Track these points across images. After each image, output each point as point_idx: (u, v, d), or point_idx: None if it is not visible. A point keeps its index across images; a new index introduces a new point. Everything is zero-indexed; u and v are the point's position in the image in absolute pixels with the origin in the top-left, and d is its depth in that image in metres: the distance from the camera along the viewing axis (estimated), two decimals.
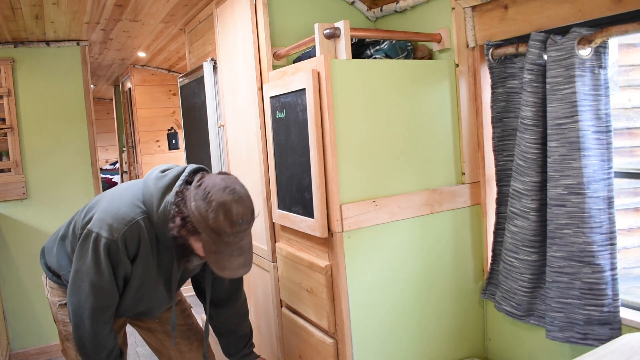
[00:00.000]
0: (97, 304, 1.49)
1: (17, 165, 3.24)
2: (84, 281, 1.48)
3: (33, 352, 3.35)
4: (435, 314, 1.87)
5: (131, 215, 1.49)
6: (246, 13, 2.02)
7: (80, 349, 1.54)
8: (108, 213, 1.49)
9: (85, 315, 1.49)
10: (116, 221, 1.47)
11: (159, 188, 1.51)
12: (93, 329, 1.50)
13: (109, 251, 1.46)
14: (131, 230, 1.47)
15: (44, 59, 3.27)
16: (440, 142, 1.86)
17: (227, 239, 1.40)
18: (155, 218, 1.49)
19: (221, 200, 1.38)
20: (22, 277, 3.31)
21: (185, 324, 1.90)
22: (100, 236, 1.46)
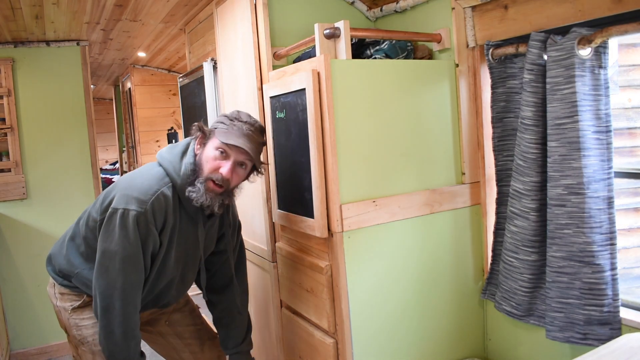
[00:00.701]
0: (128, 281, 1.49)
1: (17, 165, 3.24)
2: (112, 260, 1.48)
3: (33, 352, 3.35)
4: (435, 313, 1.87)
5: (156, 186, 1.52)
6: (246, 13, 2.02)
7: (108, 336, 1.51)
8: (132, 189, 1.51)
9: (116, 295, 1.48)
10: (142, 193, 1.49)
11: (175, 154, 1.59)
12: (123, 310, 1.49)
13: (138, 224, 1.47)
14: (158, 200, 1.50)
15: (44, 59, 3.27)
16: (440, 142, 1.86)
17: (239, 124, 1.55)
18: (180, 181, 1.54)
19: (237, 111, 1.61)
20: (22, 277, 3.31)
21: (195, 324, 1.89)
22: (128, 210, 1.47)
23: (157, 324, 1.84)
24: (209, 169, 1.53)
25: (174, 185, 1.55)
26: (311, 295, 1.79)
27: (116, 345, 1.51)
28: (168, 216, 1.54)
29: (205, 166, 1.54)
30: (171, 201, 1.54)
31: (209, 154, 1.54)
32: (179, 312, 1.86)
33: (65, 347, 3.42)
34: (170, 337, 1.86)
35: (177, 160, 1.57)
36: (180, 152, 1.59)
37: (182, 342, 1.86)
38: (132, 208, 1.47)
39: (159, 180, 1.54)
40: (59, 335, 3.40)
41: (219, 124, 1.58)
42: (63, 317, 1.72)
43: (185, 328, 1.86)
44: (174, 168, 1.56)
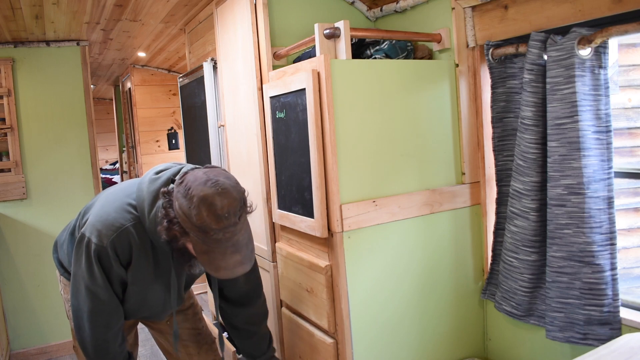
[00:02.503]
0: (94, 308, 1.46)
1: (17, 165, 3.24)
2: (80, 284, 1.46)
3: (33, 352, 3.35)
4: (435, 313, 1.87)
5: (120, 221, 1.42)
6: (246, 13, 2.02)
7: (84, 351, 1.52)
8: (99, 218, 1.44)
9: (85, 318, 1.47)
10: (105, 227, 1.42)
11: (151, 192, 1.43)
12: (92, 332, 1.47)
13: (99, 257, 1.42)
14: (120, 237, 1.42)
15: (44, 59, 3.27)
16: (440, 142, 1.86)
17: (216, 235, 1.29)
18: (147, 223, 1.42)
19: (202, 194, 1.28)
20: (22, 277, 3.31)
21: (196, 328, 1.88)
22: (91, 242, 1.42)
23: (159, 322, 1.84)
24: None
25: (143, 223, 1.44)
26: (311, 295, 1.79)
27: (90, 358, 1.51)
28: (134, 250, 1.45)
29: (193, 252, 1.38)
30: (137, 238, 1.43)
31: (192, 249, 1.36)
32: (182, 314, 1.86)
33: (65, 347, 3.42)
34: (169, 336, 1.86)
35: (150, 199, 1.43)
36: (156, 191, 1.43)
37: (181, 342, 1.86)
38: (94, 241, 1.41)
39: (127, 214, 1.44)
40: (59, 335, 3.40)
41: (191, 230, 1.30)
42: (66, 307, 1.72)
43: (186, 330, 1.86)
44: (144, 209, 1.43)
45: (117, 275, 1.47)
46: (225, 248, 1.31)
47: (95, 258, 1.42)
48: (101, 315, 1.48)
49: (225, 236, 1.30)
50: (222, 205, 1.28)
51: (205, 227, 1.28)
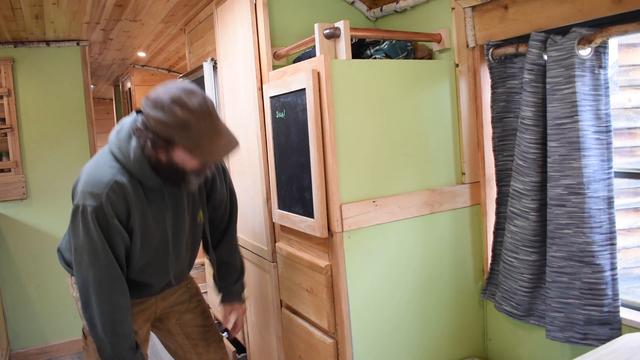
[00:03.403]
0: (99, 275, 1.47)
1: (17, 165, 3.24)
2: (82, 255, 1.47)
3: (33, 352, 3.35)
4: (435, 313, 1.87)
5: (108, 176, 1.46)
6: (246, 13, 2.02)
7: (92, 330, 1.51)
8: (86, 184, 1.47)
9: (90, 290, 1.47)
10: (95, 187, 1.45)
11: (122, 139, 1.50)
12: (99, 306, 1.47)
13: (97, 219, 1.44)
14: (113, 190, 1.45)
15: (44, 59, 3.27)
16: (440, 142, 1.86)
17: (197, 126, 1.37)
18: (132, 167, 1.48)
19: (171, 97, 1.37)
20: (22, 277, 3.31)
21: (204, 325, 1.89)
22: (86, 206, 1.43)
23: (168, 322, 1.83)
24: (194, 168, 1.48)
25: (127, 169, 1.48)
26: (311, 295, 1.79)
27: (100, 340, 1.50)
28: (130, 202, 1.49)
29: (187, 166, 1.47)
30: (129, 186, 1.48)
31: (184, 160, 1.45)
32: (191, 312, 1.86)
33: (65, 347, 3.42)
34: (179, 337, 1.85)
35: (125, 144, 1.49)
36: (126, 135, 1.50)
37: (190, 342, 1.85)
38: (88, 204, 1.44)
39: (109, 168, 1.48)
40: (59, 335, 3.40)
41: (173, 134, 1.38)
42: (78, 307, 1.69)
43: (195, 329, 1.86)
44: (123, 156, 1.49)
45: (118, 237, 1.49)
46: (210, 137, 1.41)
47: (94, 221, 1.44)
48: (105, 285, 1.48)
49: (206, 125, 1.39)
50: (193, 101, 1.38)
51: (185, 122, 1.37)
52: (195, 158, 1.45)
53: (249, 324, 2.40)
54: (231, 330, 1.92)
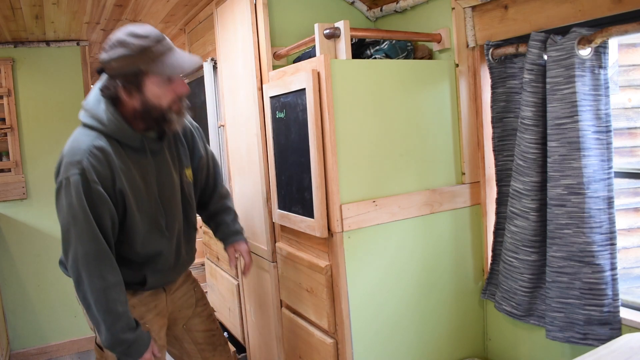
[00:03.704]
0: (84, 251, 1.41)
1: (17, 165, 3.24)
2: (68, 232, 1.42)
3: (33, 352, 3.35)
4: (435, 313, 1.87)
5: (86, 142, 1.43)
6: (246, 13, 2.02)
7: (87, 310, 1.46)
8: (65, 158, 1.43)
9: (80, 267, 1.42)
10: (75, 155, 1.41)
11: (91, 107, 1.49)
12: (90, 281, 1.42)
13: (81, 188, 1.39)
14: (92, 154, 1.42)
15: (44, 59, 3.27)
16: (440, 142, 1.86)
17: (156, 47, 1.42)
18: (108, 129, 1.46)
19: (122, 34, 1.42)
20: (22, 277, 3.31)
21: (210, 330, 1.88)
22: (68, 178, 1.40)
23: (175, 327, 1.82)
24: (170, 100, 1.48)
25: (104, 134, 1.46)
26: (311, 295, 1.79)
27: (97, 321, 1.46)
28: (114, 166, 1.45)
29: (163, 101, 1.47)
30: (109, 149, 1.44)
31: (157, 93, 1.45)
32: (198, 317, 1.85)
33: (65, 347, 3.43)
34: (186, 343, 1.84)
35: (95, 111, 1.48)
36: (95, 103, 1.50)
37: (197, 347, 1.85)
38: (71, 174, 1.39)
39: (85, 136, 1.45)
40: (59, 335, 3.40)
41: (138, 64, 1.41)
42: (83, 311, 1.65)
43: (201, 333, 1.86)
44: (97, 120, 1.47)
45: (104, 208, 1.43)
46: (172, 52, 1.46)
47: (77, 191, 1.39)
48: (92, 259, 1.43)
49: (163, 45, 1.44)
50: (142, 29, 1.44)
51: (144, 47, 1.41)
52: (167, 84, 1.45)
53: (249, 324, 2.40)
54: (244, 272, 1.89)
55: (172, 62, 1.44)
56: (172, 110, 1.50)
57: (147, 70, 1.42)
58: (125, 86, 1.44)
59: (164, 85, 1.46)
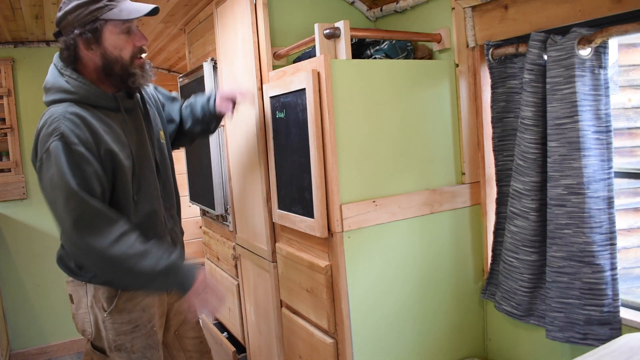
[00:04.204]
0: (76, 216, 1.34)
1: (17, 165, 3.25)
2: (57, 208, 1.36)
3: (33, 352, 3.35)
4: (435, 313, 1.87)
5: (58, 111, 1.38)
6: (246, 13, 2.02)
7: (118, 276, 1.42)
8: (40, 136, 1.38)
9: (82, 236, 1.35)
10: (50, 125, 1.36)
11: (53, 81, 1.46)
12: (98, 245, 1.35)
13: (63, 154, 1.33)
14: (68, 119, 1.36)
15: (44, 59, 3.27)
16: (440, 142, 1.86)
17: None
18: (78, 94, 1.42)
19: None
20: (22, 277, 3.32)
21: (199, 337, 1.89)
22: (47, 149, 1.33)
23: (167, 333, 1.81)
24: (130, 53, 1.46)
25: (74, 101, 1.41)
26: (311, 295, 1.79)
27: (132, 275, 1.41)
28: (94, 128, 1.40)
29: (124, 53, 1.45)
30: (84, 113, 1.39)
31: (117, 43, 1.43)
32: (188, 323, 1.85)
33: (65, 347, 3.43)
34: (175, 350, 1.84)
35: (58, 84, 1.44)
36: (54, 78, 1.47)
37: (185, 354, 1.84)
38: (49, 143, 1.33)
39: (57, 107, 1.40)
40: (59, 335, 3.41)
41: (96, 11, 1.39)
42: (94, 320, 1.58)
43: (191, 340, 1.86)
44: (63, 90, 1.43)
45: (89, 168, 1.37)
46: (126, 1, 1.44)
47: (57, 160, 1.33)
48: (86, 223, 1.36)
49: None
50: None
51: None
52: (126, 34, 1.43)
53: (248, 324, 2.41)
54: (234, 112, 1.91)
55: (128, 7, 1.42)
56: (134, 65, 1.48)
57: (105, 17, 1.40)
58: (84, 39, 1.41)
59: (123, 35, 1.44)
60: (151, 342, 1.62)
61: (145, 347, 1.60)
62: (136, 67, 1.49)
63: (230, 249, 2.48)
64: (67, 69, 1.46)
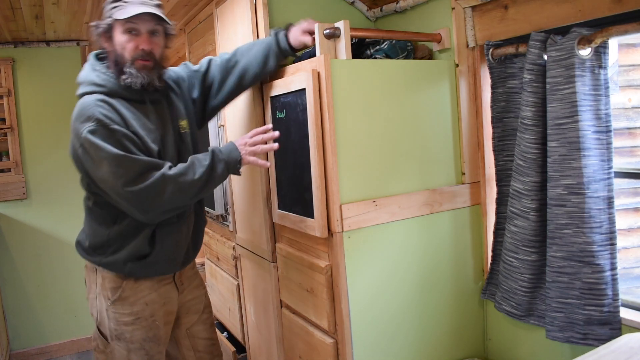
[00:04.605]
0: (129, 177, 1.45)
1: (17, 165, 3.25)
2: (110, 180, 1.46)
3: (33, 352, 3.35)
4: (435, 314, 1.87)
5: (91, 100, 1.51)
6: (246, 13, 2.02)
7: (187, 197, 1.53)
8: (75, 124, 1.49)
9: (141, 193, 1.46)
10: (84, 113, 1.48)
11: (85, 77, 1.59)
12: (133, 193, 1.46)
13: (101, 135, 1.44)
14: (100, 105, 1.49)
15: (44, 59, 3.27)
16: (440, 142, 1.86)
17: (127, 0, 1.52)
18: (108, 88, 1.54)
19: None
20: (22, 277, 3.32)
21: (211, 339, 1.89)
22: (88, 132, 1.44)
23: (178, 330, 1.83)
24: (130, 51, 1.54)
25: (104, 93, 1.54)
26: (311, 295, 1.79)
27: (195, 189, 1.52)
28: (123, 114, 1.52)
29: (124, 52, 1.54)
30: (114, 102, 1.52)
31: (120, 40, 1.54)
32: (202, 324, 1.86)
33: (65, 347, 3.43)
34: (184, 348, 1.85)
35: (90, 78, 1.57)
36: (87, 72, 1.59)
37: (195, 354, 1.85)
38: (85, 128, 1.45)
39: (87, 98, 1.52)
40: (59, 335, 3.41)
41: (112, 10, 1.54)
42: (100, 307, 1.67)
43: (202, 341, 1.86)
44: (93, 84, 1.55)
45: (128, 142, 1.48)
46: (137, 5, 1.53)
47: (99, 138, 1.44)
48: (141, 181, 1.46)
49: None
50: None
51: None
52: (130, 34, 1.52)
53: (248, 324, 2.41)
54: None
55: (130, 8, 1.51)
56: (133, 65, 1.54)
57: (115, 17, 1.52)
58: (104, 34, 1.56)
59: (127, 35, 1.54)
60: (151, 335, 1.66)
61: (145, 339, 1.65)
62: (133, 67, 1.55)
63: (230, 249, 2.48)
64: (99, 64, 1.60)
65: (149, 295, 1.65)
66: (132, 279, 1.64)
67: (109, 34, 1.56)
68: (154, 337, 1.67)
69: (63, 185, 3.37)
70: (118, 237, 1.61)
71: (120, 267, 1.62)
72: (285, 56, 1.79)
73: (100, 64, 1.60)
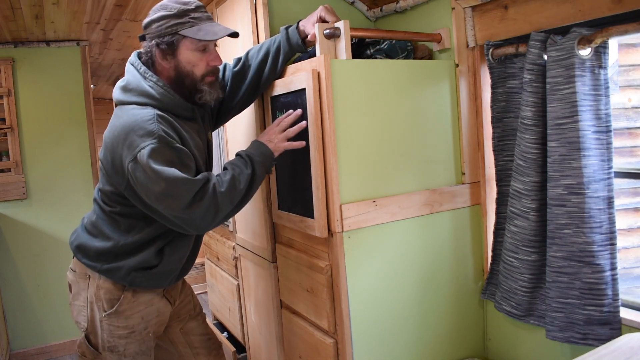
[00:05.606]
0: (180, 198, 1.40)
1: (17, 165, 3.25)
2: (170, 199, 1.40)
3: (33, 352, 3.35)
4: (435, 313, 1.87)
5: (148, 113, 1.44)
6: (246, 13, 2.02)
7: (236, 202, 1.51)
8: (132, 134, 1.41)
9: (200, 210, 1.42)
10: (142, 127, 1.40)
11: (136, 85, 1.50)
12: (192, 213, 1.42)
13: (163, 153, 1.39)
14: (159, 121, 1.42)
15: (44, 59, 3.27)
16: (440, 142, 1.86)
17: (195, 13, 1.48)
18: (161, 100, 1.48)
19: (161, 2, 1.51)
20: (22, 277, 3.32)
21: (207, 334, 1.89)
22: (146, 149, 1.37)
23: (172, 330, 1.82)
24: (202, 70, 1.52)
25: (157, 108, 1.48)
26: (311, 295, 1.79)
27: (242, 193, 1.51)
28: (179, 131, 1.48)
29: (196, 69, 1.51)
30: (169, 117, 1.47)
31: (190, 59, 1.50)
32: (195, 320, 1.86)
33: (65, 347, 3.43)
34: (181, 346, 1.84)
35: (142, 89, 1.49)
36: (137, 81, 1.51)
37: (192, 351, 1.85)
38: (146, 144, 1.37)
39: (142, 110, 1.46)
40: (59, 335, 3.41)
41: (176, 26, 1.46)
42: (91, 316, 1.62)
43: (198, 337, 1.86)
44: (147, 96, 1.48)
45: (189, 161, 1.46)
46: (210, 22, 1.51)
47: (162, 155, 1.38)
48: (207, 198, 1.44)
49: (204, 13, 1.51)
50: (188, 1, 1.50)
51: (183, 10, 1.47)
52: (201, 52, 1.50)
53: (248, 324, 2.41)
54: None
55: (207, 28, 1.48)
56: (204, 82, 1.53)
57: (183, 33, 1.47)
58: (162, 49, 1.49)
59: (198, 53, 1.51)
60: (144, 348, 1.65)
61: (138, 353, 1.63)
62: (205, 84, 1.54)
63: (230, 249, 2.48)
64: (149, 73, 1.52)
65: (146, 309, 1.63)
66: (131, 292, 1.59)
67: (172, 50, 1.49)
68: (147, 349, 1.66)
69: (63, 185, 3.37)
70: (130, 245, 1.57)
71: (123, 276, 1.56)
72: (297, 52, 1.78)
73: (151, 74, 1.51)
